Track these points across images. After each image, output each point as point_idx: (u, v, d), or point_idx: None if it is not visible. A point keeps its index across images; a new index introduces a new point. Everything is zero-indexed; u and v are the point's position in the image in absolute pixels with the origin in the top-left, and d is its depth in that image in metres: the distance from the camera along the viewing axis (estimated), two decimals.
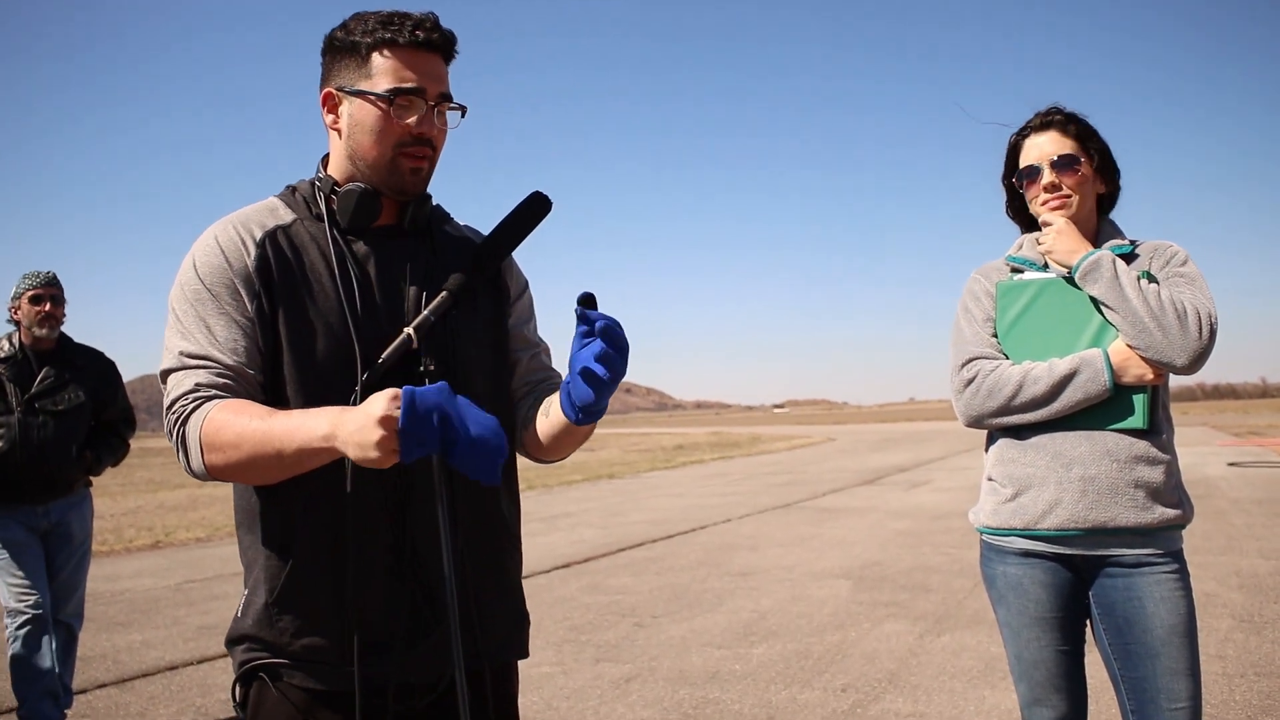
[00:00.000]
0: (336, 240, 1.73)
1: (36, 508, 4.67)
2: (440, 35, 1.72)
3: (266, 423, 1.53)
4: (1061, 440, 2.39)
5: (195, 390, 1.62)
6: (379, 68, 1.70)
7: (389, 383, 1.67)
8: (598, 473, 24.11)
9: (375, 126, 1.71)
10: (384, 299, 1.73)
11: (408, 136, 1.71)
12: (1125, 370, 2.34)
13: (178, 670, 6.05)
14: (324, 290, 1.70)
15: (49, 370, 4.73)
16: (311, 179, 1.82)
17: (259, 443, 1.53)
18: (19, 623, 4.54)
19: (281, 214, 1.77)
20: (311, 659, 1.69)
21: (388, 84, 1.69)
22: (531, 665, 5.84)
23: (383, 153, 1.72)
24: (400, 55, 1.70)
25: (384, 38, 1.69)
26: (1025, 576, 2.45)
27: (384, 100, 1.69)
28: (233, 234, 1.71)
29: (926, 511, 13.26)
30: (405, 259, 1.77)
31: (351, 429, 1.43)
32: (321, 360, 1.67)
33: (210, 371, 1.63)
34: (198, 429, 1.59)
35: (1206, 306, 2.31)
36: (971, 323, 2.56)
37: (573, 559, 10.00)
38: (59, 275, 4.83)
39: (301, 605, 1.68)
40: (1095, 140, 2.51)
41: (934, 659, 5.71)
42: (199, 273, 1.69)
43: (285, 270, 1.70)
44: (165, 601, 8.40)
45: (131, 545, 12.46)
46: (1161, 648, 2.32)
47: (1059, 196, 2.48)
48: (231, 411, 1.57)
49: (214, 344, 1.65)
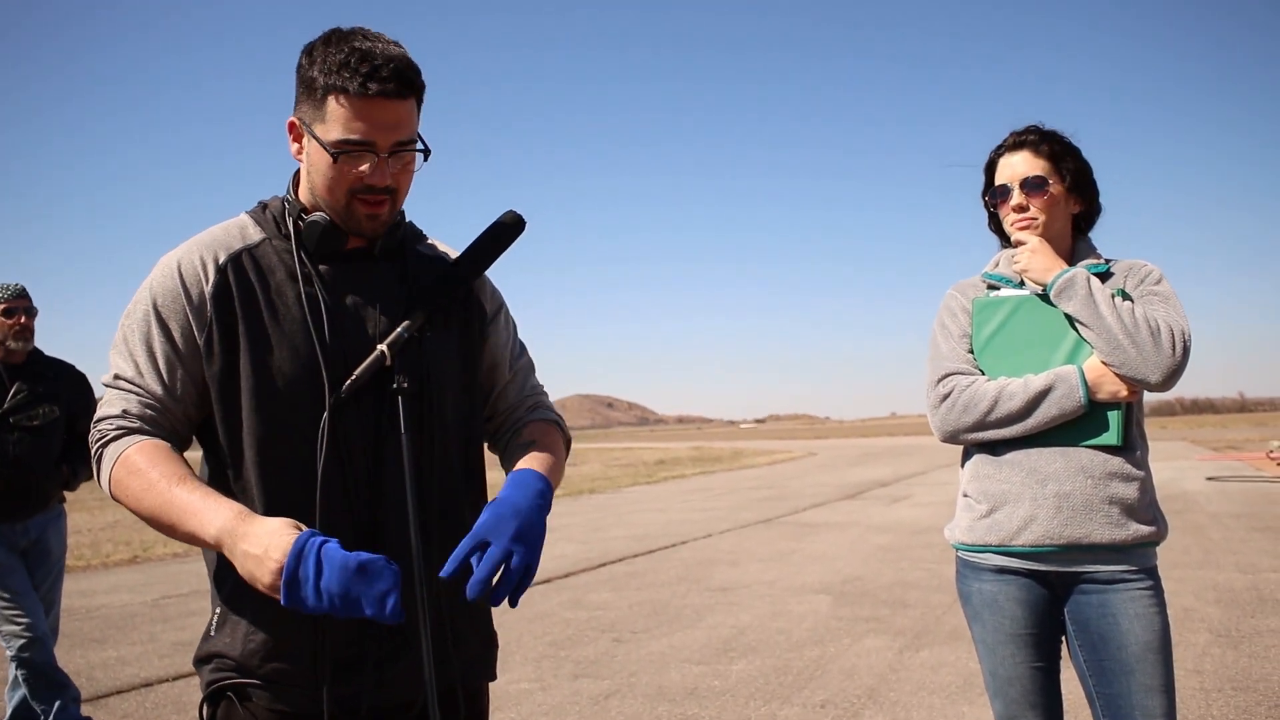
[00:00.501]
0: (304, 262, 1.71)
1: (15, 525, 4.63)
2: (398, 82, 1.62)
3: (171, 491, 1.58)
4: (1036, 456, 2.40)
5: (122, 417, 1.66)
6: (332, 114, 1.62)
7: (361, 401, 1.68)
8: (579, 488, 24.06)
9: (327, 173, 1.66)
10: (352, 323, 1.71)
11: (360, 185, 1.66)
12: (1100, 386, 2.35)
13: (153, 687, 6.00)
14: (289, 314, 1.69)
15: (20, 385, 4.69)
16: (283, 197, 1.79)
17: (157, 507, 1.59)
18: (21, 644, 4.50)
19: (250, 233, 1.75)
20: (280, 680, 1.67)
21: (337, 134, 1.62)
22: (510, 681, 5.81)
23: (337, 198, 1.68)
24: (353, 105, 1.60)
25: (336, 84, 1.60)
26: (1000, 593, 2.45)
27: (330, 153, 1.63)
28: (194, 259, 1.70)
29: (907, 526, 13.28)
30: (374, 283, 1.76)
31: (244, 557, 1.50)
32: (286, 384, 1.66)
33: (139, 400, 1.67)
34: (112, 461, 1.64)
35: (1180, 324, 2.33)
36: (948, 338, 2.56)
37: (553, 574, 9.96)
38: (26, 287, 4.78)
39: (272, 627, 1.66)
40: (1070, 160, 2.52)
41: (913, 675, 5.71)
42: (153, 295, 1.69)
43: (247, 295, 1.68)
44: (141, 617, 8.32)
45: (109, 560, 12.35)
46: (1136, 664, 2.32)
47: (1026, 217, 2.50)
48: (145, 460, 1.61)
49: (149, 371, 1.67)
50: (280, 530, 1.49)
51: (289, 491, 1.64)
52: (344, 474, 1.67)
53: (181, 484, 1.58)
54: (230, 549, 1.52)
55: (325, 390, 1.65)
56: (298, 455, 1.65)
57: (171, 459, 1.63)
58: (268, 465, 1.65)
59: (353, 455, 1.67)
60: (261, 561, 1.48)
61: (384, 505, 1.69)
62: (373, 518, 1.68)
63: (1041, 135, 2.54)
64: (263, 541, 1.48)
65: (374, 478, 1.69)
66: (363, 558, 1.47)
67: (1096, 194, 2.58)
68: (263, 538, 1.49)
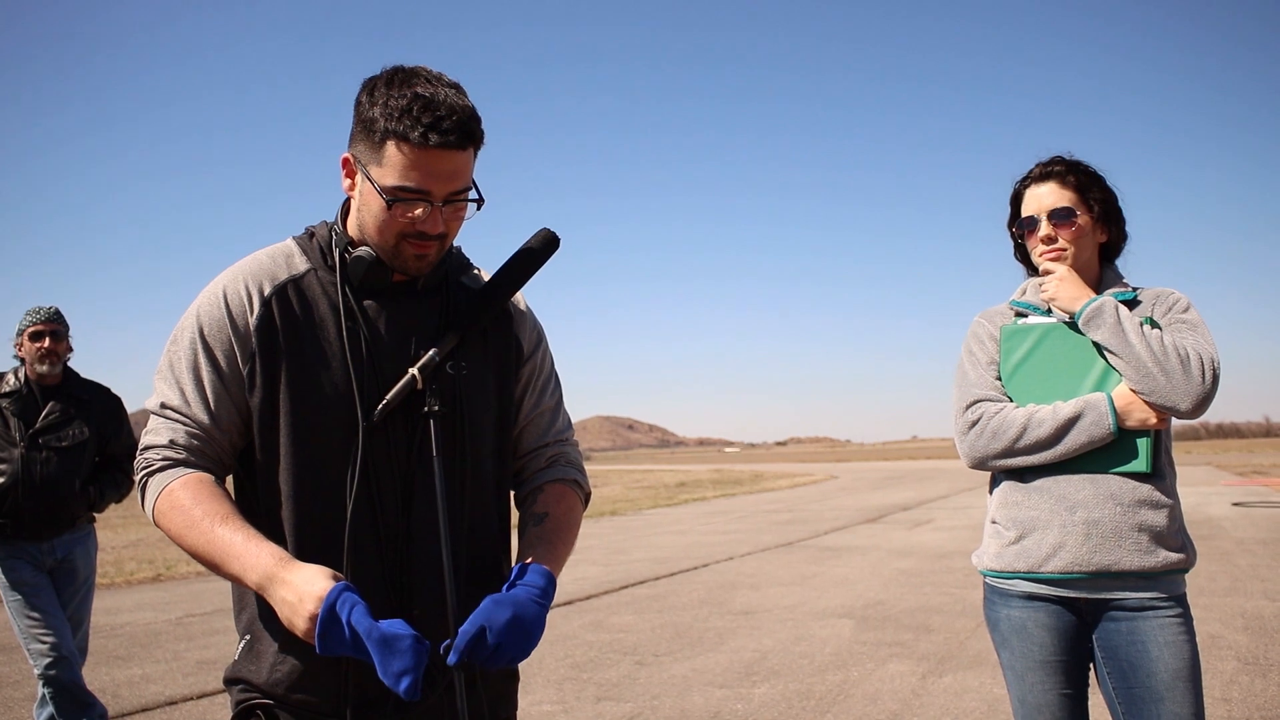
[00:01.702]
0: (347, 297, 1.73)
1: (41, 545, 4.68)
2: (459, 135, 1.61)
3: (214, 531, 1.60)
4: (1065, 484, 2.40)
5: (169, 447, 1.69)
6: (389, 159, 1.61)
7: (393, 428, 1.70)
8: (600, 510, 24.04)
9: (379, 215, 1.66)
10: (391, 357, 1.72)
11: (411, 230, 1.66)
12: (1129, 414, 2.35)
13: (177, 705, 6.02)
14: (330, 347, 1.70)
15: (54, 405, 4.75)
16: (331, 225, 1.80)
17: (201, 546, 1.61)
18: (48, 663, 4.53)
19: (297, 263, 1.76)
20: (305, 710, 1.69)
21: (393, 180, 1.62)
22: (533, 704, 5.81)
23: (385, 240, 1.68)
24: (412, 153, 1.60)
25: (397, 130, 1.59)
26: (1029, 620, 2.45)
27: (384, 198, 1.63)
28: (240, 288, 1.71)
29: (929, 551, 13.21)
30: (415, 317, 1.76)
31: (281, 603, 1.53)
32: (323, 417, 1.68)
33: (186, 430, 1.69)
34: (157, 492, 1.67)
35: (1209, 351, 2.33)
36: (976, 365, 2.57)
37: (575, 596, 9.96)
38: (62, 309, 4.84)
39: (299, 658, 1.68)
40: (1097, 190, 2.53)
41: (936, 700, 5.67)
42: (199, 323, 1.71)
43: (291, 328, 1.70)
44: (165, 636, 8.37)
45: (132, 578, 12.42)
46: (1166, 692, 2.31)
47: (1055, 249, 2.51)
48: (190, 496, 1.63)
49: (195, 401, 1.69)
50: (314, 580, 1.51)
51: (320, 520, 1.67)
52: (374, 503, 1.68)
53: (225, 524, 1.60)
54: (270, 595, 1.55)
55: (360, 423, 1.67)
56: (330, 484, 1.68)
57: (215, 495, 1.64)
58: (301, 494, 1.68)
59: (382, 483, 1.69)
60: (296, 610, 1.51)
61: (414, 534, 1.70)
62: (403, 548, 1.70)
63: (1068, 166, 2.55)
64: (298, 591, 1.51)
65: (404, 506, 1.71)
66: (388, 632, 1.48)
67: (1123, 223, 2.59)
68: (298, 587, 1.51)
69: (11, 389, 4.72)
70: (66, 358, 4.85)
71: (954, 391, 2.59)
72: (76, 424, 4.77)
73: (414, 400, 1.71)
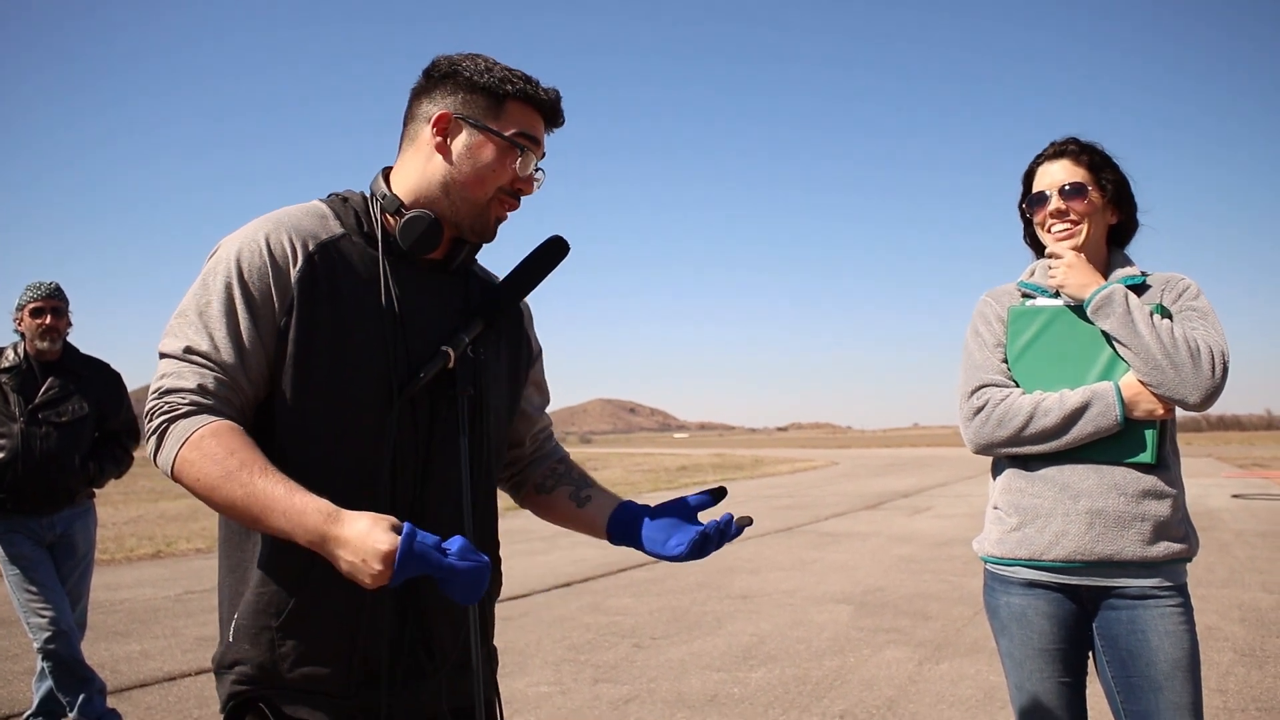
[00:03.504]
0: (385, 265, 1.72)
1: (41, 520, 4.69)
2: (560, 111, 1.82)
3: (255, 484, 1.50)
4: (1070, 473, 2.38)
5: (198, 392, 1.58)
6: (511, 114, 1.76)
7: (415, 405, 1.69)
8: None
9: (491, 164, 1.75)
10: (422, 333, 1.73)
11: (511, 184, 1.77)
12: (1136, 405, 2.33)
13: (175, 681, 6.04)
14: (364, 314, 1.68)
15: (54, 381, 4.75)
16: (364, 192, 1.80)
17: (239, 497, 1.51)
18: (47, 637, 4.55)
19: (332, 225, 1.73)
20: (310, 689, 1.65)
21: (519, 128, 1.76)
22: (529, 685, 5.82)
23: (485, 191, 1.76)
24: (531, 111, 1.78)
25: (524, 90, 1.76)
26: (1029, 607, 2.44)
27: (509, 142, 1.75)
28: (284, 238, 1.66)
29: (928, 538, 13.22)
30: (441, 295, 1.80)
31: (349, 553, 1.44)
32: (355, 383, 1.65)
33: (215, 376, 1.59)
34: (181, 440, 1.54)
35: (1219, 344, 2.31)
36: (982, 347, 2.55)
37: (573, 578, 9.98)
38: (63, 285, 4.84)
39: (308, 631, 1.64)
40: (1110, 171, 2.51)
41: (933, 687, 5.68)
42: (241, 269, 1.63)
43: (332, 288, 1.66)
44: (165, 612, 8.39)
45: (132, 555, 12.46)
46: (1165, 681, 2.31)
47: (1067, 223, 2.49)
48: (223, 446, 1.53)
49: (226, 347, 1.60)
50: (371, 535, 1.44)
51: (341, 488, 1.58)
52: (394, 478, 1.68)
53: (265, 475, 1.51)
54: (327, 553, 1.48)
55: (391, 393, 1.66)
56: (352, 454, 1.65)
57: (249, 446, 1.55)
58: (322, 460, 1.63)
59: (404, 458, 1.69)
60: (359, 570, 1.44)
61: (427, 512, 1.70)
62: (419, 522, 1.66)
63: (1081, 146, 2.53)
64: (359, 550, 1.43)
65: (420, 482, 1.71)
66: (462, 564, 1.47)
67: (1135, 209, 2.57)
68: (358, 545, 1.44)
69: (11, 364, 4.72)
70: (66, 333, 4.85)
71: (960, 372, 2.57)
72: (76, 399, 4.77)
73: (440, 380, 1.72)
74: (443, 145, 1.75)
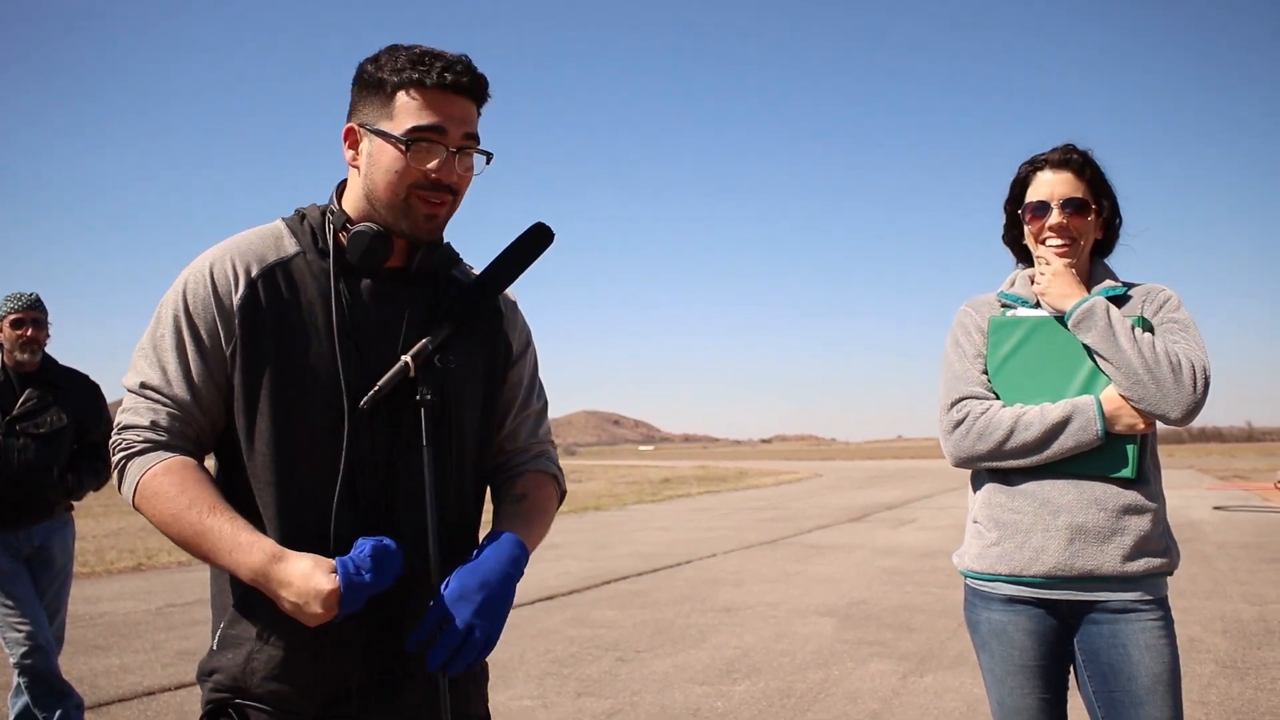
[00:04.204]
0: (337, 279, 1.70)
1: (18, 532, 4.64)
2: (471, 78, 1.67)
3: (203, 522, 1.58)
4: (1050, 488, 2.37)
5: (150, 429, 1.65)
6: (402, 107, 1.65)
7: (378, 416, 1.68)
8: (584, 505, 24.02)
9: (392, 167, 1.66)
10: (378, 345, 1.70)
11: (424, 180, 1.66)
12: (1117, 419, 2.32)
13: (155, 696, 5.99)
14: (317, 332, 1.68)
15: (32, 392, 4.71)
16: (324, 208, 1.78)
17: (190, 536, 1.59)
18: (24, 651, 4.50)
19: (286, 245, 1.73)
20: (277, 705, 1.67)
21: (409, 123, 1.64)
22: (512, 698, 5.79)
23: (397, 194, 1.67)
24: (426, 96, 1.65)
25: (411, 77, 1.64)
26: (1010, 623, 2.43)
27: (402, 142, 1.64)
28: (227, 266, 1.68)
29: (912, 550, 13.23)
30: (405, 304, 1.74)
31: (291, 594, 1.52)
32: (307, 404, 1.65)
33: (167, 411, 1.66)
34: (137, 477, 1.63)
35: (1201, 359, 2.30)
36: (962, 358, 2.53)
37: (557, 591, 9.94)
38: (42, 296, 4.80)
39: (276, 648, 1.66)
40: (1104, 188, 2.50)
41: (917, 700, 5.68)
42: (188, 301, 1.67)
43: (276, 312, 1.67)
44: (145, 626, 8.32)
45: (113, 567, 12.35)
46: (1146, 696, 2.30)
47: (1066, 238, 2.46)
48: (174, 484, 1.61)
49: (178, 380, 1.66)
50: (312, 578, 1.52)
51: (302, 507, 1.64)
52: (355, 492, 1.66)
53: (213, 513, 1.58)
54: (269, 593, 1.55)
55: (345, 411, 1.65)
56: (313, 472, 1.65)
57: (199, 481, 1.62)
58: (284, 481, 1.65)
59: (365, 472, 1.67)
60: (301, 612, 1.52)
61: (395, 525, 1.68)
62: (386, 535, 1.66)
63: (1084, 159, 2.49)
64: (301, 593, 1.51)
65: (387, 497, 1.69)
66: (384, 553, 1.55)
67: (1120, 223, 2.55)
68: (298, 588, 1.52)
69: None
70: (45, 344, 4.81)
71: (940, 384, 2.55)
72: (54, 411, 4.73)
73: (402, 390, 1.68)
74: (354, 158, 1.73)
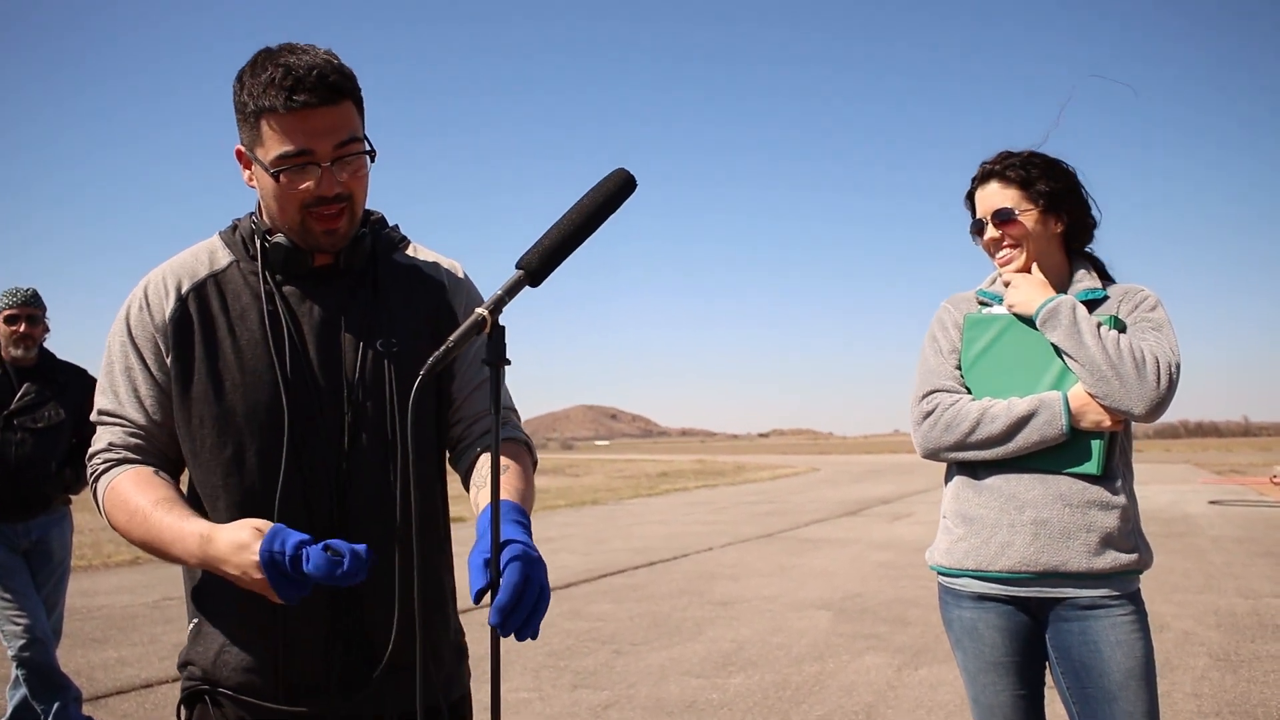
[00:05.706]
0: (268, 282, 1.70)
1: (16, 526, 4.66)
2: (325, 88, 1.57)
3: (151, 519, 1.59)
4: (1015, 482, 2.39)
5: (108, 450, 1.69)
6: (267, 135, 1.60)
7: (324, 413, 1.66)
8: (581, 498, 24.05)
9: (274, 194, 1.64)
10: (317, 343, 1.69)
11: (310, 199, 1.62)
12: (1083, 415, 2.33)
13: (153, 688, 6.01)
14: (252, 339, 1.68)
15: (29, 387, 4.72)
16: (251, 216, 1.77)
17: (145, 537, 1.61)
18: (22, 644, 4.52)
19: (219, 257, 1.74)
20: (249, 694, 1.68)
21: (275, 152, 1.60)
22: (509, 690, 5.82)
23: (290, 217, 1.65)
24: (284, 122, 1.58)
25: (264, 105, 1.58)
26: (980, 621, 2.44)
27: (271, 172, 1.61)
28: (160, 286, 1.72)
29: (908, 544, 13.26)
30: (343, 300, 1.73)
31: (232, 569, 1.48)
32: (246, 411, 1.65)
33: (122, 430, 1.69)
34: (103, 493, 1.67)
35: (1168, 355, 2.30)
36: (937, 353, 2.54)
37: (554, 584, 9.87)
38: (42, 291, 4.81)
39: (241, 641, 1.67)
40: (1043, 181, 2.46)
41: (911, 692, 5.71)
42: (129, 323, 1.71)
43: (207, 325, 1.68)
44: (142, 619, 8.34)
45: (110, 561, 12.36)
46: (1119, 691, 2.31)
47: (1006, 248, 2.48)
48: (130, 489, 1.63)
49: (129, 401, 1.69)
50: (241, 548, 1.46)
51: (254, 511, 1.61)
52: (305, 493, 1.65)
53: (159, 507, 1.59)
54: (217, 572, 1.53)
55: (285, 410, 1.64)
56: (259, 474, 1.64)
57: (153, 484, 1.63)
58: (229, 487, 1.65)
59: (315, 472, 1.66)
60: (242, 582, 1.49)
61: (350, 527, 1.67)
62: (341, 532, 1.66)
63: (1005, 163, 2.49)
64: (235, 564, 1.47)
65: (338, 497, 1.67)
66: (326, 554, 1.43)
67: (1085, 206, 2.52)
68: (232, 560, 1.47)
69: None
70: (43, 339, 4.82)
71: (915, 377, 2.57)
72: (52, 405, 4.74)
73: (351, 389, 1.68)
74: (249, 179, 1.71)
